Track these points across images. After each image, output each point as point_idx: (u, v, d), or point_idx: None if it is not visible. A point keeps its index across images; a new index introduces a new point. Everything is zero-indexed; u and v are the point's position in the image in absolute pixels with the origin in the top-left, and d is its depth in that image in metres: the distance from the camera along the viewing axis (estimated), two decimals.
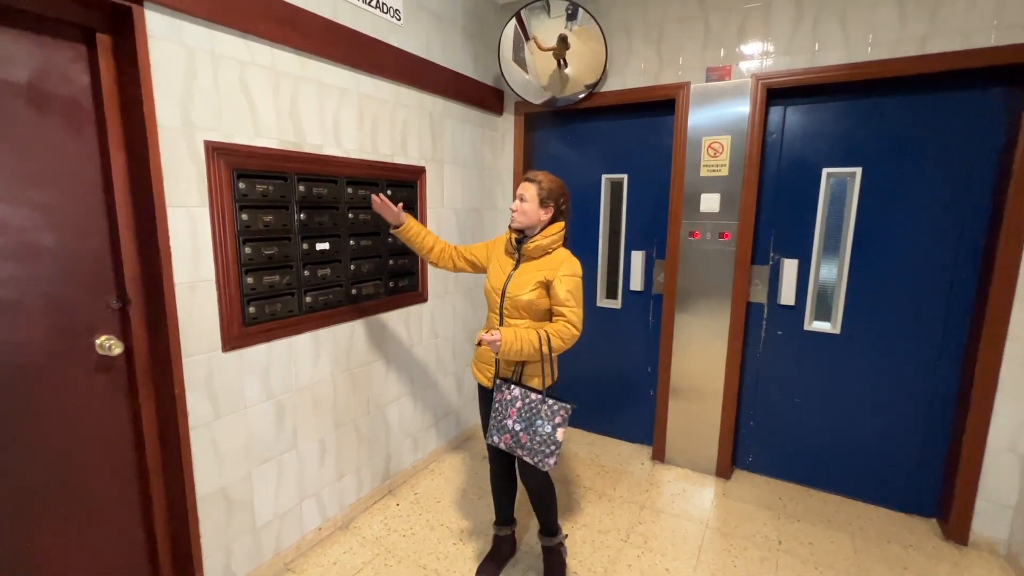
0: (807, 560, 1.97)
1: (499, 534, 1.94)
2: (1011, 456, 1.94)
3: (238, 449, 1.69)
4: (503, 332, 1.51)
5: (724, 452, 2.55)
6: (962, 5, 1.86)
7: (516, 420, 1.57)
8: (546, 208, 1.61)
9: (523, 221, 1.63)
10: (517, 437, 1.58)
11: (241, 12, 1.53)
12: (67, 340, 1.38)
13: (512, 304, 1.62)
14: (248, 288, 1.66)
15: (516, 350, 1.51)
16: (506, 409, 1.60)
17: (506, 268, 1.68)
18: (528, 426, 1.56)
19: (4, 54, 1.22)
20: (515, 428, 1.58)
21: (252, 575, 1.77)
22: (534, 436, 1.55)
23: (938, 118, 2.04)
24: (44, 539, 1.37)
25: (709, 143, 2.37)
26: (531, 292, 1.59)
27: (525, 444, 1.57)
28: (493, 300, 1.68)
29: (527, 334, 1.53)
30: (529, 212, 1.61)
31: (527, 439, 1.56)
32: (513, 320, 1.63)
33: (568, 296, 1.56)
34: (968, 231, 2.03)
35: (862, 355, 2.28)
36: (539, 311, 1.61)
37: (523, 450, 1.57)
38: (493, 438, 1.64)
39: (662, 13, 2.39)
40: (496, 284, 1.67)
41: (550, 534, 1.82)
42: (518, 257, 1.66)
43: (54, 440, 1.37)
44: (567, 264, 1.59)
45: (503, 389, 1.62)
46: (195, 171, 1.49)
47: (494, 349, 1.51)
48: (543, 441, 1.54)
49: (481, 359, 1.76)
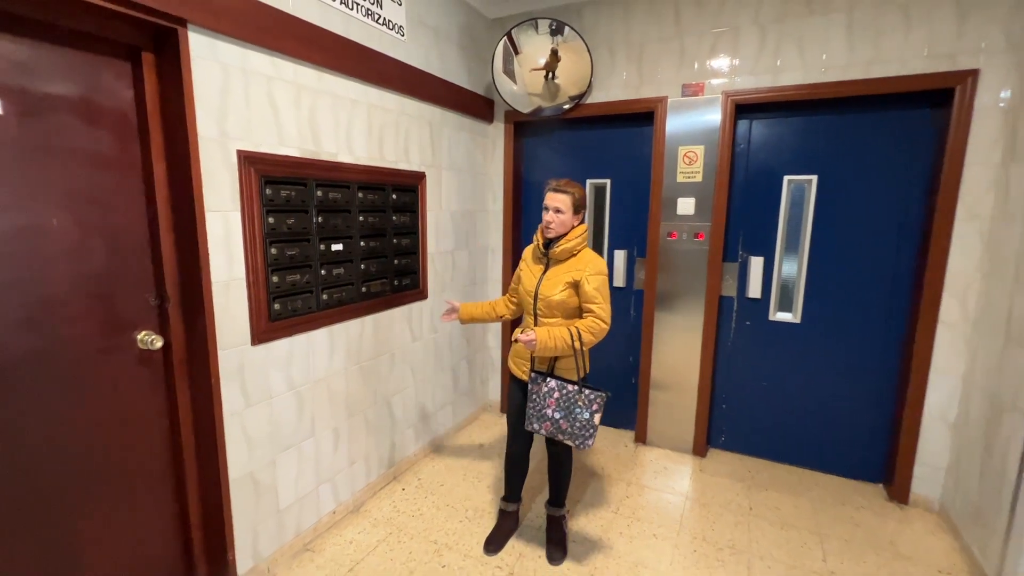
0: (774, 522, 2.24)
1: (506, 510, 2.12)
2: (942, 424, 2.26)
3: (265, 436, 1.82)
4: (537, 332, 1.69)
5: (700, 433, 2.81)
6: (900, 37, 2.16)
7: (555, 409, 1.74)
8: (578, 215, 1.79)
9: (560, 230, 1.78)
10: (558, 424, 1.75)
11: (269, 31, 1.66)
12: (111, 336, 1.49)
13: (545, 304, 1.79)
14: (273, 286, 1.79)
15: (551, 347, 1.69)
16: (544, 400, 1.77)
17: (536, 273, 1.85)
18: (567, 414, 1.73)
19: (59, 71, 1.32)
20: (555, 416, 1.75)
21: (276, 554, 1.90)
22: (574, 423, 1.72)
23: (881, 133, 2.34)
24: (92, 515, 1.47)
25: (685, 152, 2.62)
26: (562, 292, 1.76)
27: (566, 430, 1.74)
28: (527, 302, 1.85)
29: (559, 331, 1.70)
30: (566, 222, 1.77)
31: (567, 425, 1.73)
32: (546, 319, 1.80)
33: (595, 293, 1.73)
34: (906, 231, 2.34)
35: (819, 341, 2.57)
36: (570, 309, 1.78)
37: (564, 435, 1.75)
38: (533, 425, 1.80)
39: (642, 34, 2.62)
40: (529, 287, 1.85)
41: (559, 505, 2.02)
42: (547, 262, 1.83)
43: (101, 427, 1.48)
44: (593, 263, 1.77)
45: (539, 381, 1.78)
46: (229, 178, 1.61)
47: (530, 348, 1.69)
48: (583, 426, 1.71)
49: (517, 355, 1.93)
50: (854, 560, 2.00)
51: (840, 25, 2.24)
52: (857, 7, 2.20)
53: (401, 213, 2.40)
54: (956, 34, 2.07)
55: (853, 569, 1.95)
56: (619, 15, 2.66)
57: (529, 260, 1.93)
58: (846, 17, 2.23)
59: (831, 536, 2.14)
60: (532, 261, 1.91)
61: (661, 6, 2.56)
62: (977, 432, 2.04)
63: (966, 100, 2.07)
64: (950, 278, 2.19)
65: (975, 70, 2.05)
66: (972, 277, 2.14)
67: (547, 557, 1.98)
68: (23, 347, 1.30)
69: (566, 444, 1.85)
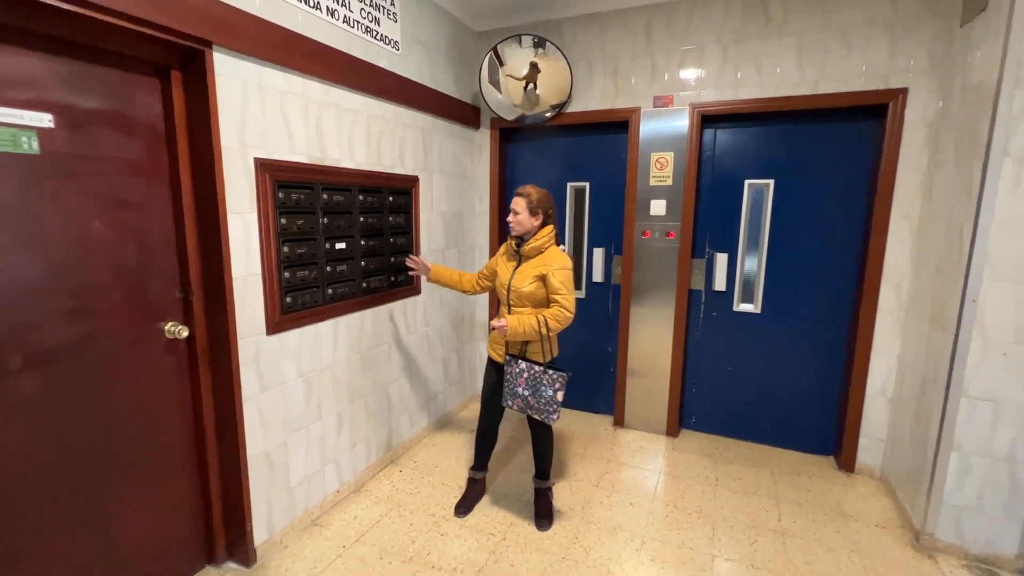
0: (737, 490, 2.50)
1: (474, 477, 2.36)
2: (882, 400, 2.56)
3: (278, 419, 1.99)
4: (508, 319, 1.92)
5: (672, 415, 3.07)
6: (842, 59, 2.44)
7: (524, 387, 1.99)
8: (536, 216, 2.02)
9: (520, 229, 2.03)
10: (526, 400, 1.99)
11: (282, 50, 1.83)
12: (143, 325, 1.64)
13: (517, 295, 2.02)
14: (285, 281, 1.96)
15: (520, 332, 1.92)
16: (516, 379, 2.01)
17: (509, 268, 2.09)
18: (534, 392, 1.97)
19: (99, 87, 1.48)
20: (524, 394, 1.99)
21: (288, 528, 2.07)
22: (540, 399, 1.96)
23: (829, 142, 2.63)
24: (125, 488, 1.63)
25: (656, 158, 2.87)
26: (531, 285, 1.99)
27: (533, 405, 1.98)
28: (502, 294, 2.09)
29: (528, 319, 1.93)
30: (523, 221, 2.01)
31: (534, 402, 1.97)
32: (518, 308, 2.04)
33: (560, 285, 1.96)
34: (850, 230, 2.63)
35: (777, 329, 2.85)
36: (538, 299, 2.02)
37: (532, 410, 1.99)
38: (507, 401, 2.04)
39: (617, 49, 2.86)
40: (503, 280, 2.08)
41: (544, 478, 2.24)
42: (518, 258, 2.07)
43: (134, 408, 1.63)
44: (558, 259, 2.00)
45: (512, 363, 2.02)
46: (247, 183, 1.78)
47: (502, 333, 1.91)
48: (547, 402, 1.95)
49: (495, 341, 2.16)
50: (805, 519, 2.27)
51: (791, 47, 2.51)
52: (806, 32, 2.48)
53: (397, 214, 2.59)
54: (889, 56, 2.36)
55: (804, 527, 2.22)
56: (596, 32, 2.90)
57: (503, 256, 2.16)
58: (797, 40, 2.50)
59: (786, 501, 2.41)
60: (506, 257, 2.14)
61: (634, 24, 2.81)
62: (909, 405, 2.33)
63: (897, 114, 2.36)
64: (887, 271, 2.48)
65: (904, 88, 2.34)
66: (905, 270, 2.44)
67: (535, 525, 2.19)
68: (71, 334, 1.45)
69: (545, 424, 2.09)
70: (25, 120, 1.32)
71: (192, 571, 1.87)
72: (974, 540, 2.00)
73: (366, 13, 2.24)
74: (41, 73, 1.35)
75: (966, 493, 1.99)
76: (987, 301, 1.87)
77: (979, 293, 1.88)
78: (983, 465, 1.95)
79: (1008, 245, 1.82)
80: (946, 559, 2.02)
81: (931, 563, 2.00)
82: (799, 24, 2.49)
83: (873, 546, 2.09)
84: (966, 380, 1.93)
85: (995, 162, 1.80)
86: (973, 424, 1.95)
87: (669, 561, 1.99)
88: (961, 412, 1.95)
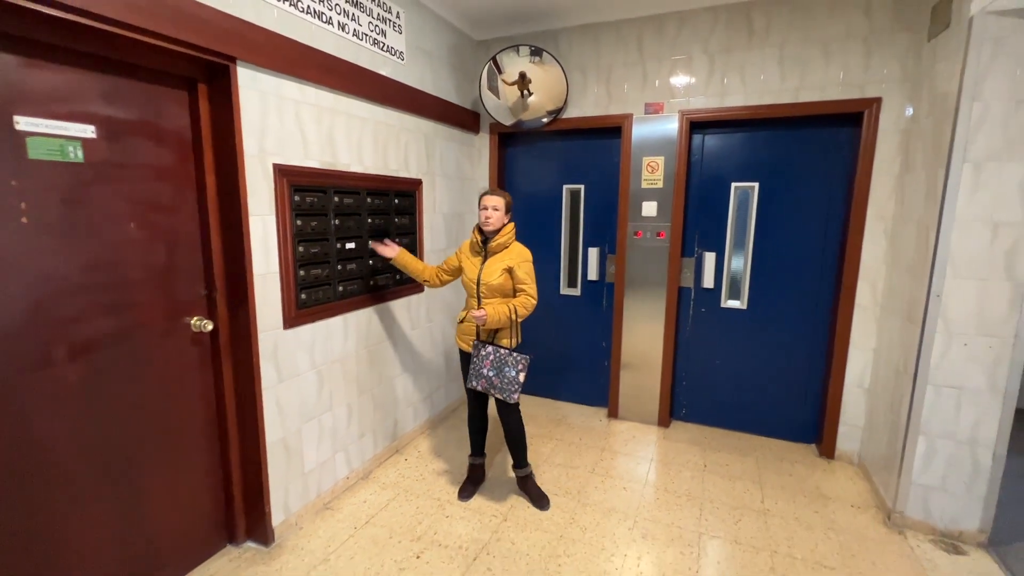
0: (724, 475, 2.66)
1: (474, 463, 2.51)
2: (859, 390, 2.72)
3: (294, 408, 2.12)
4: (487, 309, 2.10)
5: (663, 407, 3.22)
6: (821, 69, 2.60)
7: (489, 368, 2.17)
8: (507, 215, 2.22)
9: (495, 225, 2.19)
10: (491, 380, 2.17)
11: (297, 63, 1.97)
12: (171, 320, 1.77)
13: (486, 288, 2.19)
14: (300, 279, 2.09)
15: (495, 320, 2.12)
16: (482, 361, 2.18)
17: (476, 263, 2.24)
18: (499, 372, 2.15)
19: (133, 100, 1.61)
20: (489, 374, 2.17)
21: (302, 510, 2.20)
22: (503, 379, 2.14)
23: (810, 147, 2.79)
24: (154, 471, 1.76)
25: (648, 162, 3.02)
26: (499, 277, 2.17)
27: (496, 385, 2.16)
28: (471, 288, 2.24)
29: (501, 307, 2.13)
30: (501, 217, 2.20)
31: (498, 382, 2.15)
32: (487, 300, 2.21)
33: (526, 276, 2.18)
34: (830, 230, 2.80)
35: (762, 325, 3.01)
36: (506, 290, 2.21)
37: (495, 389, 2.17)
38: (472, 383, 2.22)
39: (611, 58, 3.01)
40: (472, 276, 2.23)
41: (522, 466, 2.40)
42: (484, 253, 2.22)
43: (162, 397, 1.76)
44: (521, 253, 2.22)
45: (479, 348, 2.19)
46: (266, 187, 1.91)
47: (480, 322, 2.10)
48: (510, 382, 2.13)
49: (464, 332, 2.30)
50: (786, 501, 2.43)
51: (774, 58, 2.67)
52: (787, 43, 2.64)
53: (401, 216, 2.72)
54: (864, 67, 2.52)
55: (785, 508, 2.37)
56: (590, 42, 3.04)
57: (467, 253, 2.31)
58: (778, 51, 2.66)
59: (769, 484, 2.57)
60: (471, 254, 2.29)
61: (627, 35, 2.96)
62: (884, 395, 2.50)
63: (872, 122, 2.52)
64: (863, 269, 2.64)
65: (879, 98, 2.50)
66: (879, 267, 2.60)
67: (536, 506, 2.34)
68: (109, 326, 1.58)
69: (514, 416, 2.29)
70: (71, 131, 1.45)
71: (214, 549, 2.00)
72: (940, 517, 2.16)
73: (374, 26, 2.38)
74: (85, 88, 1.48)
75: (932, 474, 2.15)
76: (950, 296, 2.03)
77: (943, 289, 2.04)
78: (948, 447, 2.11)
79: (967, 245, 1.98)
80: (914, 535, 2.18)
81: (901, 539, 2.16)
82: (781, 36, 2.65)
83: (849, 524, 2.25)
84: (932, 369, 2.09)
85: (956, 168, 1.96)
86: (939, 410, 2.11)
87: (660, 538, 2.14)
88: (928, 399, 2.12)
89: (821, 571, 1.96)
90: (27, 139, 1.36)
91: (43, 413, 1.44)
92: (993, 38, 1.86)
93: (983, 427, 2.05)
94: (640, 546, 2.09)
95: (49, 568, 1.47)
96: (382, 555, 2.02)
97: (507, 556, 2.03)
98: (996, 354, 2.00)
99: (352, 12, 2.24)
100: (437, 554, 2.03)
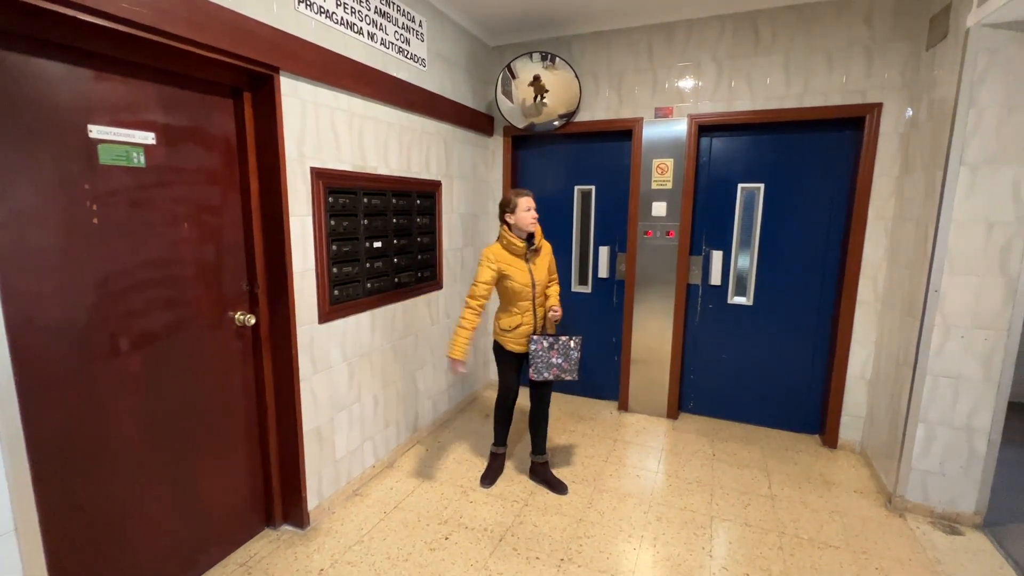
0: (732, 464, 2.78)
1: (496, 452, 2.64)
2: (862, 382, 2.85)
3: (327, 398, 2.23)
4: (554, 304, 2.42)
5: (672, 399, 3.34)
6: (824, 75, 2.72)
7: (557, 356, 2.32)
8: None
9: (538, 227, 2.32)
10: (561, 367, 2.34)
11: (333, 72, 2.08)
12: (217, 314, 1.89)
13: (541, 290, 2.35)
14: (333, 276, 2.21)
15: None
16: (547, 353, 2.32)
17: (524, 268, 2.32)
18: (566, 358, 2.32)
19: (186, 108, 1.72)
20: (558, 362, 2.33)
21: (333, 496, 2.32)
22: (571, 362, 2.33)
23: (814, 150, 2.91)
24: (203, 456, 1.87)
25: (658, 164, 3.14)
26: (547, 274, 2.31)
27: (566, 369, 2.34)
28: (527, 293, 2.32)
29: (556, 299, 2.46)
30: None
31: (567, 366, 2.33)
32: (539, 301, 2.35)
33: (555, 267, 2.47)
34: (833, 229, 2.92)
35: (768, 320, 3.14)
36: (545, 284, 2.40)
37: (565, 373, 2.34)
38: (543, 374, 2.34)
39: (622, 64, 3.13)
40: (526, 281, 2.31)
41: (541, 452, 2.54)
42: (530, 255, 2.33)
43: (209, 387, 1.88)
44: (548, 246, 2.44)
45: (541, 342, 2.31)
46: (304, 189, 2.03)
47: (558, 319, 2.38)
48: (575, 362, 2.34)
49: (520, 335, 2.36)
50: (792, 487, 2.55)
51: (779, 65, 2.79)
52: (792, 51, 2.76)
53: (423, 216, 2.84)
54: (865, 74, 2.64)
55: (791, 493, 2.50)
56: (602, 48, 3.16)
57: (507, 260, 2.27)
58: (783, 58, 2.78)
59: (776, 472, 2.70)
60: (512, 259, 2.28)
61: (637, 42, 3.07)
62: (885, 386, 2.62)
63: (873, 126, 2.65)
64: (865, 266, 2.77)
65: (879, 103, 2.63)
66: (880, 264, 2.73)
67: (554, 492, 2.46)
68: (164, 320, 1.69)
69: (548, 400, 2.47)
70: (135, 138, 1.56)
71: (254, 532, 2.12)
72: (938, 500, 2.29)
73: (399, 35, 2.49)
74: (147, 98, 1.59)
75: (931, 459, 2.27)
76: (947, 291, 2.16)
77: (941, 284, 2.16)
78: (945, 434, 2.24)
79: (964, 243, 2.11)
80: (914, 517, 2.31)
81: (901, 521, 2.28)
82: (786, 44, 2.77)
83: (851, 508, 2.38)
84: (931, 360, 2.22)
85: (953, 170, 2.09)
86: (937, 398, 2.23)
87: (674, 521, 2.26)
88: (927, 388, 2.24)
89: (826, 550, 2.09)
90: (98, 146, 1.47)
91: (111, 398, 1.55)
92: (988, 48, 1.99)
93: (979, 414, 2.18)
94: (656, 528, 2.22)
95: (110, 541, 1.58)
96: (413, 536, 2.14)
97: (531, 537, 2.14)
98: (991, 345, 2.12)
99: (380, 22, 2.36)
100: (465, 536, 2.15)
